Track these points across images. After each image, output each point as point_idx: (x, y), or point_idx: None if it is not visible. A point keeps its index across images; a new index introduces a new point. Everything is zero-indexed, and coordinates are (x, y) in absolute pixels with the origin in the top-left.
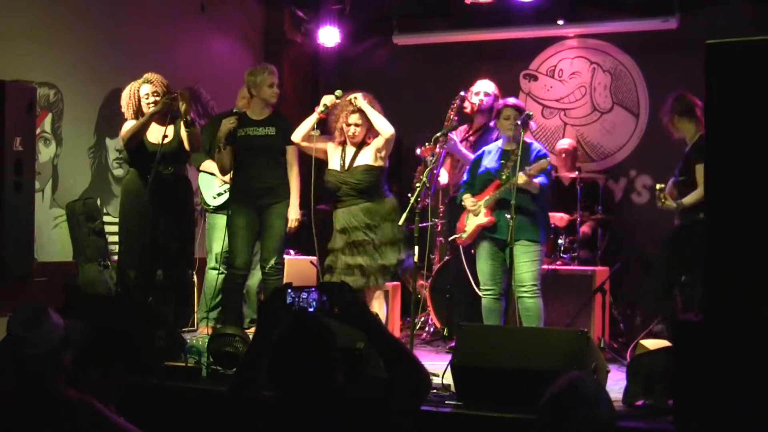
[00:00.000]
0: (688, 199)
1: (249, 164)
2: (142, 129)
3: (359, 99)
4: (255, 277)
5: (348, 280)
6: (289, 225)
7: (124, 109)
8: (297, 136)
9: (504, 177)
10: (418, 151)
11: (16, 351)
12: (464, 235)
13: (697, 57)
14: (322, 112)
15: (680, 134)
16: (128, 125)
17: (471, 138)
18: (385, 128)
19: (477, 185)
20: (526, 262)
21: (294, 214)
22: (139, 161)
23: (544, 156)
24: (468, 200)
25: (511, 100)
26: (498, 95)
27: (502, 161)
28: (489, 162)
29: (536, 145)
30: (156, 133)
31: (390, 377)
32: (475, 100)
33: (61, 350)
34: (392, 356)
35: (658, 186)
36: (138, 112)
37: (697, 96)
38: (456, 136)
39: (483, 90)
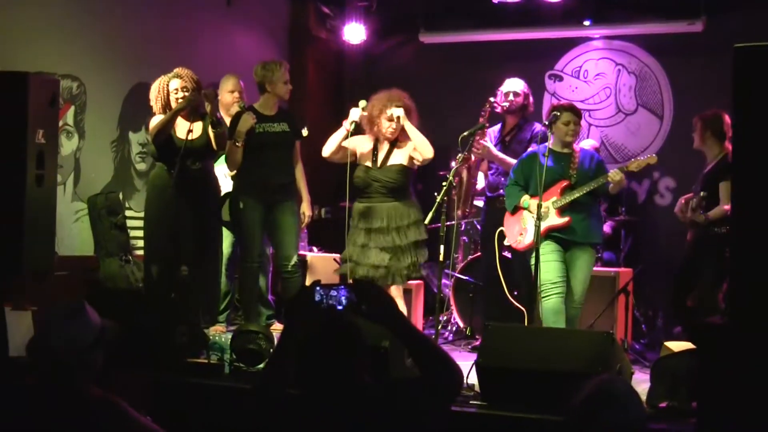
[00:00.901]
0: (713, 214)
1: (264, 160)
2: (168, 124)
3: (402, 117)
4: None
5: (371, 276)
6: (304, 221)
7: (152, 103)
8: (327, 151)
9: (573, 178)
10: (453, 164)
11: (47, 346)
12: (524, 240)
13: (722, 60)
14: (350, 127)
15: (702, 147)
16: (156, 119)
17: (506, 138)
18: (425, 150)
19: (533, 186)
20: (584, 271)
21: (308, 210)
22: (167, 156)
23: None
24: (532, 203)
25: (567, 104)
26: (528, 93)
27: (562, 163)
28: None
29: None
30: (185, 129)
31: (421, 376)
32: (506, 103)
33: (95, 349)
34: (423, 354)
35: (685, 199)
36: (166, 107)
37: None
38: (489, 140)
39: (512, 90)
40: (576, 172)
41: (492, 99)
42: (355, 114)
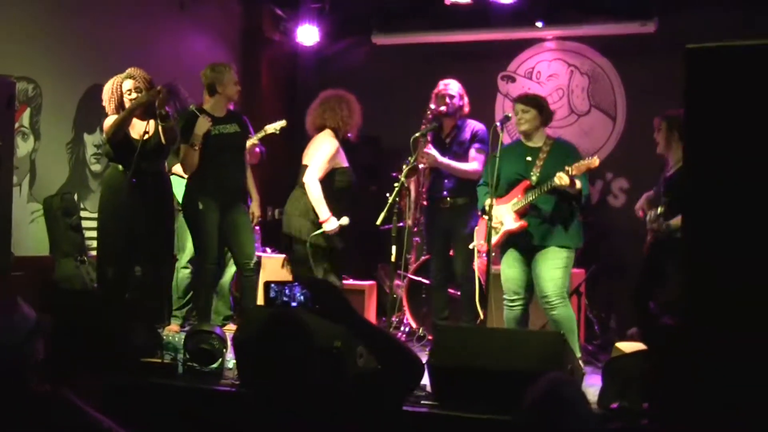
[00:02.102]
0: (675, 223)
1: (221, 162)
2: (124, 123)
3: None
4: (228, 275)
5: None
6: (254, 221)
7: (105, 104)
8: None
9: (534, 178)
10: (401, 177)
11: None
12: (485, 243)
13: (674, 61)
14: None
15: (666, 150)
16: (111, 119)
17: (447, 141)
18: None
19: (502, 187)
20: (550, 270)
21: (258, 210)
22: (123, 156)
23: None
24: (493, 209)
25: (518, 95)
26: (462, 94)
27: (528, 158)
28: (511, 162)
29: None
30: (140, 129)
31: (378, 369)
32: (443, 106)
33: (32, 339)
34: (381, 348)
35: (660, 209)
36: (119, 107)
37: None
38: (431, 148)
39: (449, 93)
40: (540, 171)
41: (432, 106)
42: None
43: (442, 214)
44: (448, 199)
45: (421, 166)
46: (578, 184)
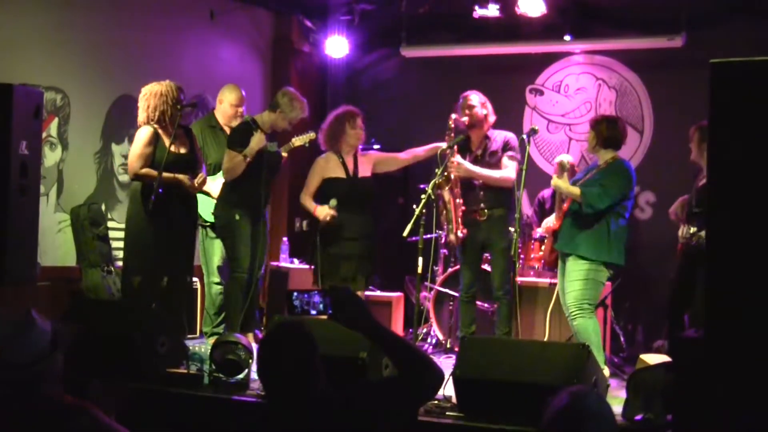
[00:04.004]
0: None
1: (260, 178)
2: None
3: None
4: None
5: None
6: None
7: (145, 111)
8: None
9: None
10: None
11: (4, 362)
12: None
13: (702, 76)
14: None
15: (699, 159)
16: (146, 133)
17: (478, 153)
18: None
19: None
20: (571, 281)
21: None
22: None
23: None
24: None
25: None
26: (485, 101)
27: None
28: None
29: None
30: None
31: (391, 378)
32: (465, 117)
33: (51, 354)
34: (401, 356)
35: (692, 230)
36: (161, 120)
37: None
38: (459, 157)
39: (470, 104)
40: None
41: (454, 116)
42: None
43: (479, 227)
44: (486, 210)
45: (452, 176)
46: (564, 187)
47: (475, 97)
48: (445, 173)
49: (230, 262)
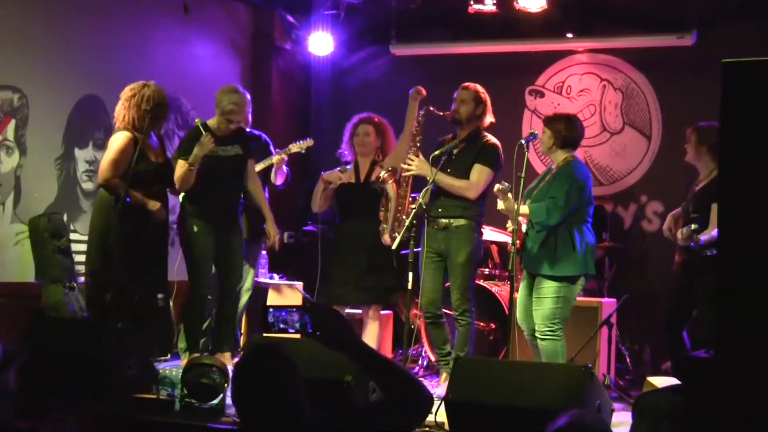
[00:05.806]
0: (706, 239)
1: (217, 185)
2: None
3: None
4: (243, 299)
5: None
6: (272, 240)
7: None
8: (315, 206)
9: (528, 201)
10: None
11: None
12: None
13: (713, 76)
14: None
15: (696, 162)
16: (121, 138)
17: (455, 151)
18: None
19: None
20: (540, 298)
21: (274, 229)
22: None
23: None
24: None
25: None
26: (482, 100)
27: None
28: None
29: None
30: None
31: (378, 402)
32: (453, 109)
33: (1, 372)
34: (387, 379)
35: (672, 216)
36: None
37: (715, 119)
38: (420, 155)
39: (460, 97)
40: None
41: (431, 108)
42: (333, 176)
43: (435, 237)
44: (442, 220)
45: (399, 170)
46: (511, 209)
47: (467, 93)
48: (390, 168)
49: (188, 277)
